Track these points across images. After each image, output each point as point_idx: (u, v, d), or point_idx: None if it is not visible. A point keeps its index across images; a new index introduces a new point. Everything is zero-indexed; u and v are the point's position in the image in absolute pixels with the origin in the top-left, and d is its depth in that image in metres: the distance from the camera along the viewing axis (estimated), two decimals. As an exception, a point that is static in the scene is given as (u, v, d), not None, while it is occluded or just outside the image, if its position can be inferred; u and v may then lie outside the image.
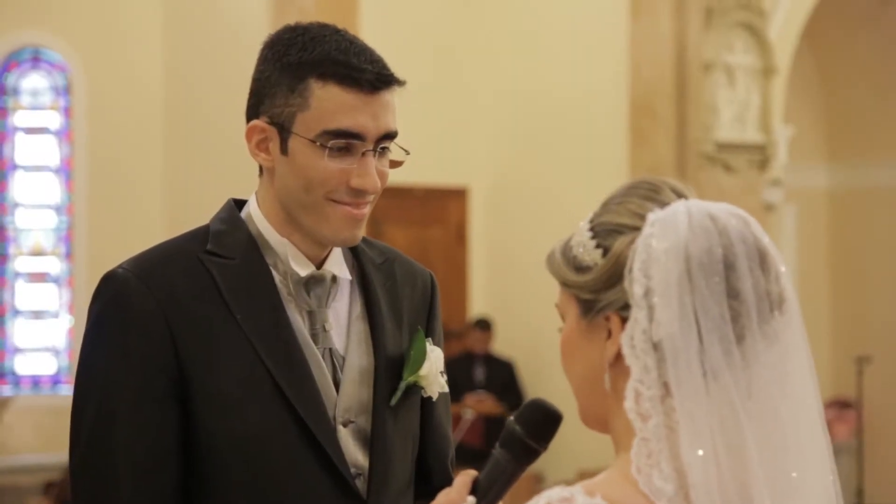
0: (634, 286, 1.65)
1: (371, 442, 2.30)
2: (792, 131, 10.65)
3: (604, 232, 1.70)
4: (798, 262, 11.35)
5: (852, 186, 12.19)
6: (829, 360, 11.65)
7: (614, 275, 1.68)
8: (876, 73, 11.88)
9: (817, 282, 11.92)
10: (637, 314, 1.65)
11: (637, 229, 1.68)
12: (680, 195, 1.72)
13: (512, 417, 1.83)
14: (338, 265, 2.34)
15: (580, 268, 1.71)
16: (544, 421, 1.82)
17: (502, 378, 10.53)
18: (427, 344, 2.37)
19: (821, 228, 12.23)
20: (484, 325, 10.67)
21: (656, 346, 1.64)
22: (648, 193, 1.71)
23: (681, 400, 1.62)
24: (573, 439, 5.03)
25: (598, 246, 1.70)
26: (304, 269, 2.30)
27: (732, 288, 1.64)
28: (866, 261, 12.10)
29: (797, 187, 11.38)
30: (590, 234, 1.71)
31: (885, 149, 12.00)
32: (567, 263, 1.73)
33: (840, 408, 11.55)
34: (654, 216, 1.67)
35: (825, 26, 11.34)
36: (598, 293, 1.69)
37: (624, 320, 1.67)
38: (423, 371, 2.35)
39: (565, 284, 1.73)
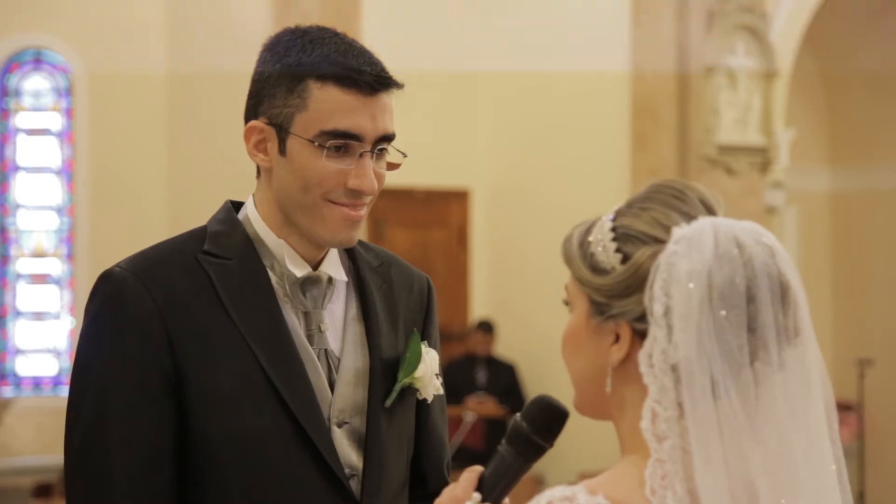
0: (655, 304, 1.63)
1: (365, 443, 2.30)
2: (793, 134, 10.63)
3: (624, 236, 1.68)
4: (799, 265, 11.25)
5: (854, 189, 12.18)
6: (831, 362, 11.62)
7: (631, 285, 1.66)
8: (877, 75, 11.87)
9: (819, 284, 11.91)
10: (656, 333, 1.63)
11: (659, 241, 1.65)
12: (706, 205, 1.69)
13: (518, 414, 1.83)
14: (334, 267, 2.34)
15: (597, 269, 1.69)
16: (551, 418, 1.81)
17: (504, 380, 10.52)
18: (423, 346, 2.37)
19: (822, 231, 12.22)
20: (486, 328, 10.66)
21: (674, 367, 1.62)
22: (673, 201, 1.69)
23: (694, 423, 1.62)
24: (575, 441, 5.03)
25: (617, 250, 1.68)
26: (300, 271, 2.30)
27: (752, 320, 1.63)
28: (868, 263, 12.09)
29: (799, 190, 11.37)
30: (611, 234, 1.69)
31: (886, 151, 11.99)
32: (584, 259, 1.71)
33: (841, 411, 11.51)
34: (680, 233, 1.65)
35: (827, 29, 11.34)
36: (612, 299, 1.67)
37: (634, 331, 1.66)
38: (419, 373, 2.35)
39: (580, 281, 1.71)
